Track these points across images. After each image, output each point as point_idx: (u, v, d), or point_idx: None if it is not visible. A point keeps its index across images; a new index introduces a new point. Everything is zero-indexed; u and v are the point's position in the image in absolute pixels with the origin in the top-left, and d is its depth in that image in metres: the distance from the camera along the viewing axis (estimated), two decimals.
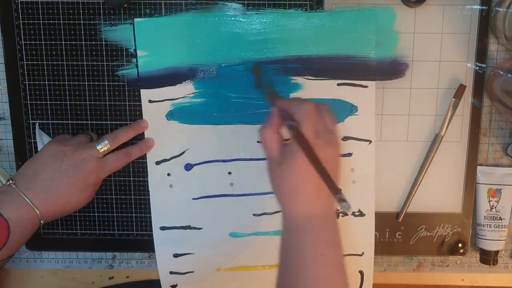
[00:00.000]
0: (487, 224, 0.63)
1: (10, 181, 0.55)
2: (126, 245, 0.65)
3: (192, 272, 0.64)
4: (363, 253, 0.63)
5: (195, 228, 0.63)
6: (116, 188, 0.63)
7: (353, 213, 0.62)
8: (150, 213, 0.63)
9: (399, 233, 0.64)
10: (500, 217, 0.63)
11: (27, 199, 0.54)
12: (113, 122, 0.62)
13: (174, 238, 0.63)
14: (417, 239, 0.64)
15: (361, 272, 0.64)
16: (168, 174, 0.62)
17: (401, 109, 0.61)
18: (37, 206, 0.54)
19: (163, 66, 0.59)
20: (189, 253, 0.64)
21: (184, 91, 0.60)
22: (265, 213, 0.63)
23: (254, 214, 0.63)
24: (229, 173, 0.62)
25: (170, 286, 0.65)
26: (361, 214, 0.62)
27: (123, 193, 0.63)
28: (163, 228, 0.63)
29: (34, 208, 0.54)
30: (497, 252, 0.64)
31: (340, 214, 0.62)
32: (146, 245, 0.64)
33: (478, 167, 0.63)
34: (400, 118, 0.61)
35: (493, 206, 0.63)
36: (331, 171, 0.46)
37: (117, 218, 0.64)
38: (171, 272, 0.64)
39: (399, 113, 0.61)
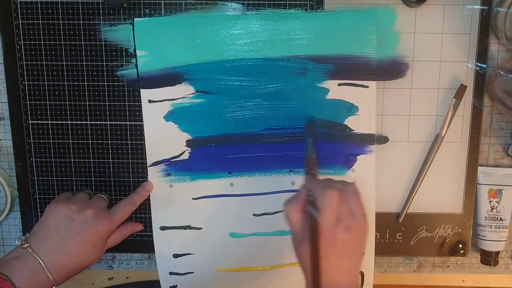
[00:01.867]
0: (488, 225, 0.63)
1: (25, 244, 0.54)
2: (126, 245, 0.65)
3: (192, 272, 0.64)
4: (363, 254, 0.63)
5: (195, 228, 0.63)
6: (116, 188, 0.63)
7: None
8: (150, 213, 0.63)
9: (400, 234, 0.64)
10: (500, 217, 0.63)
11: (42, 264, 0.54)
12: (113, 122, 0.61)
13: (174, 238, 0.63)
14: (418, 240, 0.64)
15: (362, 273, 0.64)
16: (168, 174, 0.62)
17: (402, 109, 0.61)
18: (51, 271, 0.54)
19: (162, 66, 0.59)
20: (189, 253, 0.64)
21: (184, 91, 0.60)
22: (265, 213, 0.63)
23: (254, 214, 0.63)
24: (229, 173, 0.62)
25: (170, 287, 0.65)
26: None
27: (123, 193, 0.63)
28: (163, 228, 0.63)
29: (48, 274, 0.54)
30: (497, 252, 0.63)
31: None
32: (145, 246, 0.64)
33: (479, 168, 0.63)
34: (401, 118, 0.61)
35: (493, 206, 0.63)
36: (348, 254, 0.48)
37: None
38: (171, 273, 0.64)
39: (399, 113, 0.61)
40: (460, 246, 0.64)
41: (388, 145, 0.62)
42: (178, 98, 0.60)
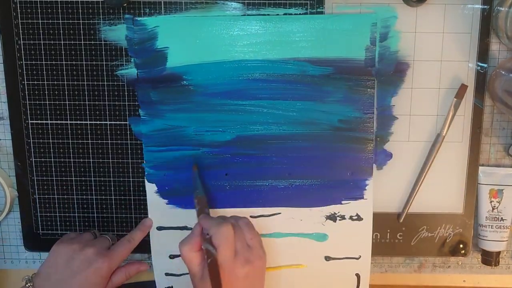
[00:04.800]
0: (489, 225, 0.63)
1: (29, 283, 0.56)
2: None
3: (188, 274, 0.64)
4: (360, 256, 0.63)
5: (191, 229, 0.63)
6: (115, 188, 0.63)
7: (350, 217, 0.62)
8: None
9: (400, 234, 0.64)
10: (502, 217, 0.63)
11: None
12: (112, 122, 0.61)
13: (171, 239, 0.63)
14: (418, 240, 0.64)
15: (358, 275, 0.64)
16: (165, 175, 0.62)
17: (402, 109, 0.61)
18: None
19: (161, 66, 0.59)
20: None
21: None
22: (262, 216, 0.63)
23: (251, 216, 0.62)
24: (226, 174, 0.62)
25: None
26: (359, 218, 0.62)
27: (122, 193, 0.63)
28: (159, 228, 0.63)
29: None
30: (498, 253, 0.63)
31: (338, 218, 0.62)
32: (145, 246, 0.64)
33: (480, 168, 0.63)
34: (401, 118, 0.61)
35: (494, 206, 0.63)
36: (251, 286, 0.51)
37: (116, 218, 0.64)
38: (167, 274, 0.64)
39: (400, 113, 0.61)
40: (461, 246, 0.64)
41: (388, 145, 0.62)
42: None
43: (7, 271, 0.67)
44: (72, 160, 0.63)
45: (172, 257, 0.64)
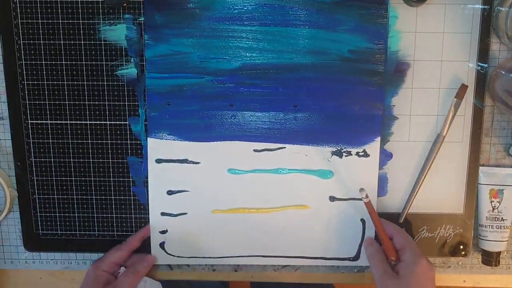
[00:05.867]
0: (489, 225, 0.63)
1: None
2: None
3: (185, 214, 0.62)
4: (366, 196, 0.61)
5: (192, 162, 0.61)
6: (115, 188, 0.63)
7: (357, 153, 0.61)
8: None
9: None
10: (502, 218, 0.63)
11: None
12: (112, 122, 0.61)
13: (169, 173, 0.61)
14: (419, 240, 0.64)
15: (363, 221, 0.63)
16: (167, 104, 0.60)
17: (403, 109, 0.61)
18: None
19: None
20: (184, 191, 0.62)
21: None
22: (266, 149, 0.61)
23: (254, 150, 0.61)
24: (231, 105, 0.60)
25: (160, 232, 0.63)
26: (366, 154, 0.61)
27: (122, 193, 0.63)
28: (158, 161, 0.61)
29: None
30: (499, 253, 0.63)
31: (344, 154, 0.61)
32: (145, 246, 0.64)
33: (480, 168, 0.62)
34: (402, 118, 0.61)
35: (495, 206, 0.63)
36: None
37: (116, 219, 0.64)
38: (163, 214, 0.62)
39: (400, 113, 0.61)
40: (461, 246, 0.64)
41: (388, 145, 0.62)
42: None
43: (7, 271, 0.67)
44: (72, 160, 0.62)
45: (170, 193, 0.62)
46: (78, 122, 0.62)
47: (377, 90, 0.59)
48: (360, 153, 0.61)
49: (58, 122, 0.62)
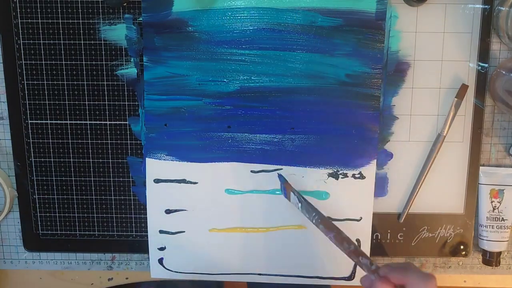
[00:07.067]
0: (490, 225, 0.63)
1: None
2: (125, 246, 0.65)
3: (183, 232, 0.63)
4: (361, 218, 0.62)
5: (190, 182, 0.62)
6: (115, 188, 0.63)
7: (353, 175, 0.61)
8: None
9: (401, 234, 0.64)
10: (502, 218, 0.62)
11: None
12: (112, 122, 0.61)
13: (168, 192, 0.62)
14: (419, 240, 0.64)
15: (358, 241, 0.63)
16: (165, 125, 0.60)
17: (403, 109, 0.61)
18: None
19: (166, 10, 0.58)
20: (182, 210, 0.62)
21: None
22: (263, 171, 0.61)
23: (252, 171, 0.62)
24: (228, 127, 0.60)
25: (158, 248, 0.63)
26: (362, 176, 0.61)
27: (122, 193, 0.63)
28: (157, 181, 0.62)
29: None
30: (499, 253, 0.63)
31: (340, 176, 0.61)
32: (145, 246, 0.64)
33: (481, 168, 0.62)
34: (402, 118, 0.61)
35: (495, 206, 0.63)
36: None
37: (116, 219, 0.64)
38: (161, 231, 0.63)
39: (400, 113, 0.61)
40: (462, 246, 0.64)
41: (389, 145, 0.62)
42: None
43: (7, 271, 0.67)
44: (72, 160, 0.62)
45: (168, 212, 0.62)
46: (78, 122, 0.61)
47: (373, 113, 0.60)
48: (356, 175, 0.61)
49: (58, 122, 0.62)
